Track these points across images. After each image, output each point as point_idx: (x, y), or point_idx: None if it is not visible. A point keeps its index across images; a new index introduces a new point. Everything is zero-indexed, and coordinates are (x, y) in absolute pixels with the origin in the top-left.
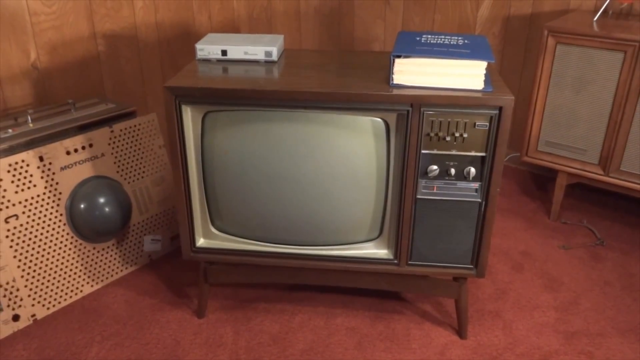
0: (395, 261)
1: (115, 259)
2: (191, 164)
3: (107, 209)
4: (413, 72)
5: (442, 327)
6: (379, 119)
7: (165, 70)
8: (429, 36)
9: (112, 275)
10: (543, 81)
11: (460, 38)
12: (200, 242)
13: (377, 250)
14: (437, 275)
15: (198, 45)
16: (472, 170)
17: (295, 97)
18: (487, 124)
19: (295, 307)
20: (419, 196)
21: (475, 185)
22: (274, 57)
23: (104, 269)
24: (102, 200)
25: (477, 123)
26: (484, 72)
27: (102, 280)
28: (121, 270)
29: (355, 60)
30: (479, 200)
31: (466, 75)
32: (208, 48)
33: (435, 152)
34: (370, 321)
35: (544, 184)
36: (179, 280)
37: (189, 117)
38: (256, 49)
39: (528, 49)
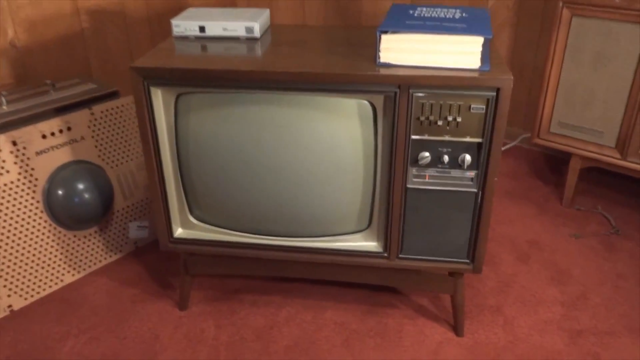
0: (385, 254)
1: (98, 246)
2: (164, 150)
3: (87, 195)
4: (401, 50)
5: (438, 323)
6: (365, 102)
7: None
8: (424, 9)
9: (94, 264)
10: (557, 57)
11: (458, 11)
12: (179, 232)
13: (365, 243)
14: (430, 270)
15: (174, 21)
16: (467, 157)
17: (272, 78)
18: (484, 107)
19: (284, 299)
20: (409, 185)
21: (471, 174)
22: (256, 33)
23: (86, 258)
24: (81, 186)
25: (472, 106)
26: (481, 49)
27: (84, 269)
28: (104, 259)
29: (345, 37)
30: (475, 190)
31: (460, 52)
32: (184, 24)
33: (426, 137)
34: (361, 315)
35: (558, 167)
36: (164, 269)
37: (160, 100)
38: (236, 24)
39: (545, 22)
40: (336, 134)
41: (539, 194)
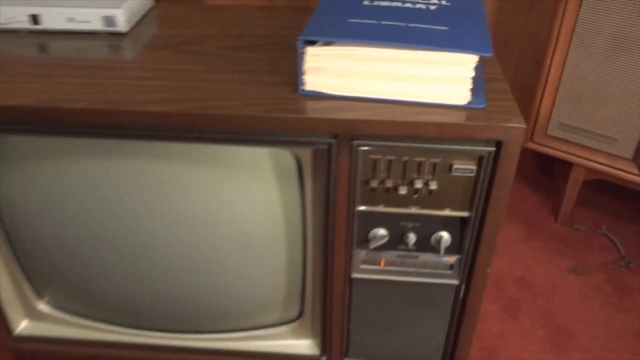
0: (324, 358)
1: None
2: None
3: None
4: (340, 72)
5: None
6: (285, 151)
7: None
8: None
9: None
10: (562, 40)
11: None
12: (23, 325)
13: (295, 341)
14: None
15: None
16: (445, 236)
17: (127, 122)
18: (474, 168)
19: None
20: (355, 275)
21: (450, 259)
22: (121, 25)
23: None
24: None
25: (455, 166)
26: (473, 73)
27: None
28: None
29: (259, 29)
30: (456, 282)
31: (440, 79)
32: (7, 11)
33: (381, 209)
34: None
35: (550, 166)
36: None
37: None
38: (90, 12)
39: None
40: (240, 198)
41: (527, 205)
